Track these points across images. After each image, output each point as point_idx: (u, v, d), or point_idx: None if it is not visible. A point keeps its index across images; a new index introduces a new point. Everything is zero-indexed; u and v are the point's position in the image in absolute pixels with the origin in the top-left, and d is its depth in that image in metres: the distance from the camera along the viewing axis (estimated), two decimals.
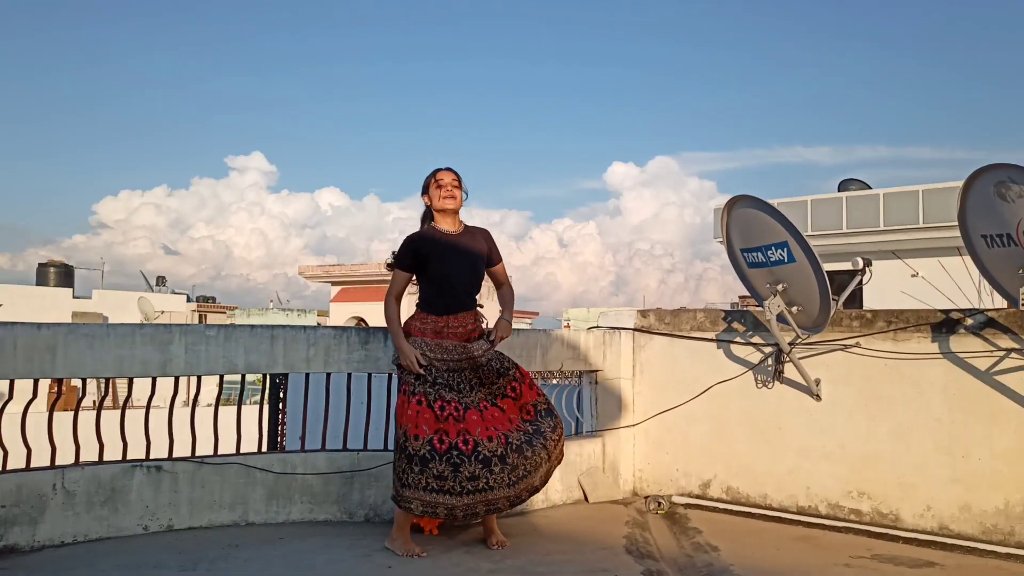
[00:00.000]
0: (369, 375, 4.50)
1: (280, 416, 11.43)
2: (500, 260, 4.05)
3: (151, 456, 3.99)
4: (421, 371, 3.70)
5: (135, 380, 4.02)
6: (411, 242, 3.88)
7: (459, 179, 3.92)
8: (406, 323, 3.88)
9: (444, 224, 3.89)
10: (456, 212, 3.91)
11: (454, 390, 3.73)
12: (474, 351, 3.81)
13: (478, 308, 3.96)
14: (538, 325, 38.95)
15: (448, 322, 3.83)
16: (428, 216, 3.96)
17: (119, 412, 3.90)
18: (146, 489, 3.88)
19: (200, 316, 34.19)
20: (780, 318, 4.46)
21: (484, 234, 4.02)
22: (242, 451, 4.23)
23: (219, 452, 4.13)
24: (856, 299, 11.47)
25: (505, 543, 3.83)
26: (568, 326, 30.70)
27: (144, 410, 4.02)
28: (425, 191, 3.94)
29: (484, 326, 3.96)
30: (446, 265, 3.83)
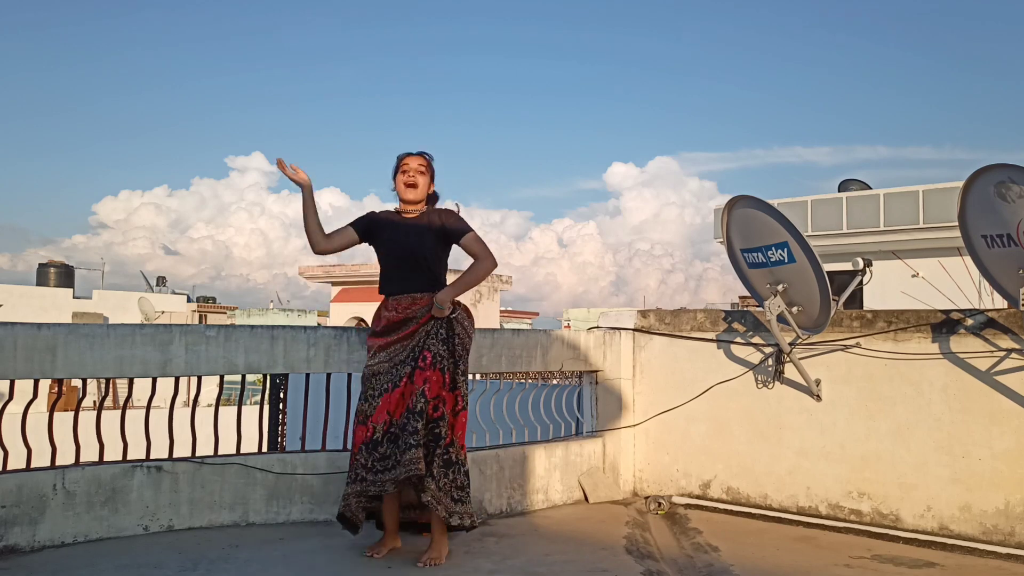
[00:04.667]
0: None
1: (280, 416, 11.45)
2: (465, 232, 3.79)
3: (151, 456, 3.98)
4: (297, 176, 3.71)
5: (135, 380, 4.01)
6: (368, 214, 3.90)
7: (427, 164, 3.82)
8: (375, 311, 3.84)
9: (407, 210, 3.82)
10: (419, 200, 3.80)
11: (383, 389, 3.64)
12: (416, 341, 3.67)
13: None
14: (538, 325, 39.00)
15: (390, 305, 3.75)
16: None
17: (119, 412, 3.90)
18: (146, 489, 3.88)
19: (200, 316, 34.17)
20: (780, 318, 4.46)
21: (442, 213, 3.84)
22: (242, 451, 4.23)
23: (219, 452, 4.13)
24: (856, 299, 11.48)
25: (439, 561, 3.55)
26: (568, 326, 30.72)
27: (144, 410, 4.01)
28: (393, 175, 3.86)
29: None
30: (384, 247, 3.80)
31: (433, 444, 3.55)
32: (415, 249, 3.75)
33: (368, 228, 3.85)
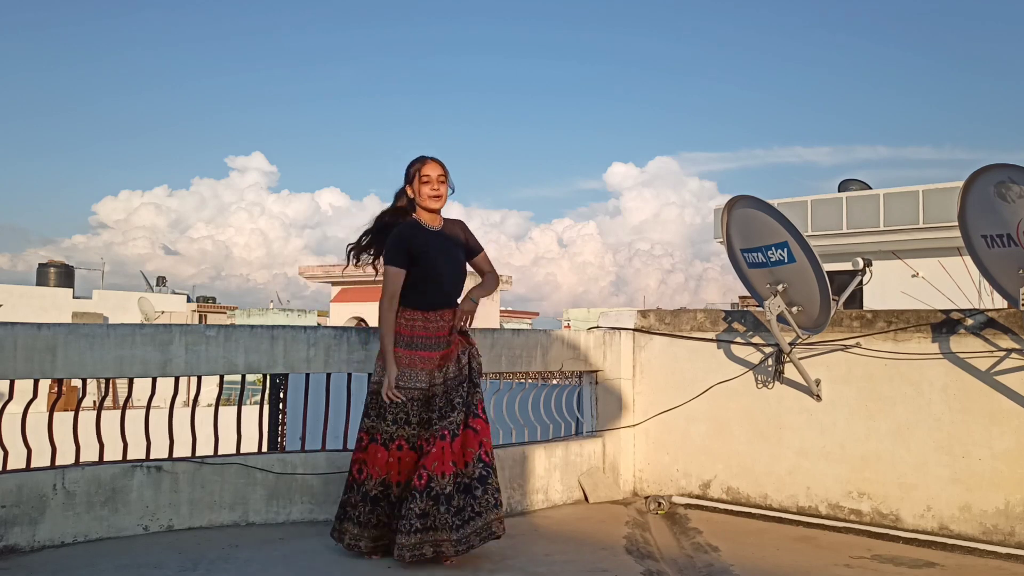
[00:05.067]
0: (369, 375, 4.49)
1: (280, 416, 11.45)
2: (481, 249, 3.94)
3: (151, 456, 3.98)
4: (396, 398, 3.60)
5: (135, 380, 4.01)
6: (403, 238, 3.72)
7: (446, 173, 3.78)
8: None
9: (427, 218, 3.78)
10: (440, 210, 3.81)
11: (416, 425, 3.62)
12: (448, 373, 3.64)
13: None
14: (538, 325, 39.00)
15: (432, 318, 3.71)
16: (407, 202, 3.82)
17: (119, 412, 3.90)
18: (146, 489, 3.88)
19: (200, 316, 34.17)
20: (780, 318, 4.46)
21: (460, 225, 3.92)
22: (242, 451, 4.23)
23: (219, 452, 4.13)
24: (856, 299, 11.48)
25: None
26: (568, 326, 30.71)
27: (144, 410, 4.02)
28: (410, 181, 3.79)
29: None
30: (436, 262, 3.73)
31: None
32: (462, 264, 3.86)
33: (410, 253, 3.72)
